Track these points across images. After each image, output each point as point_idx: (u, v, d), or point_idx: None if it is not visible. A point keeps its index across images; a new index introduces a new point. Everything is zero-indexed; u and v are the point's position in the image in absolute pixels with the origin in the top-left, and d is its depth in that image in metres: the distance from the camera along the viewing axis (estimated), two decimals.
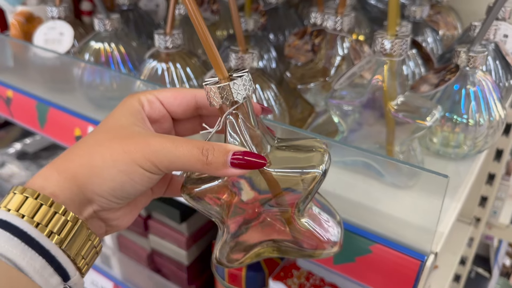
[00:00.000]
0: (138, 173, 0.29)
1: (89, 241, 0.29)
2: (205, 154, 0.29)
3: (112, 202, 0.30)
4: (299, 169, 0.32)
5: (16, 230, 0.26)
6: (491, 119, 0.47)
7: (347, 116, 0.48)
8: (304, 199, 0.32)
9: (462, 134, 0.48)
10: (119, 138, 0.29)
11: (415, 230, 0.39)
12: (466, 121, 0.47)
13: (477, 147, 0.50)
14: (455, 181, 0.47)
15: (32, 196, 0.27)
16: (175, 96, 0.34)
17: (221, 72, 0.30)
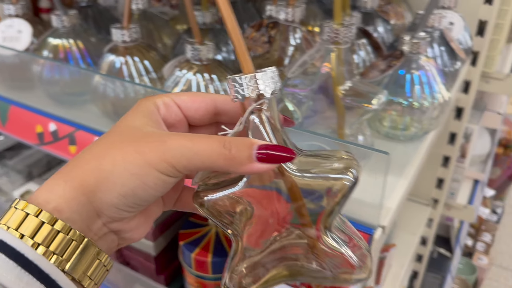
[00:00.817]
0: (152, 176, 0.26)
1: (97, 260, 0.27)
2: (228, 147, 0.26)
3: (123, 210, 0.27)
4: (328, 173, 0.28)
5: (13, 252, 0.23)
6: (435, 102, 0.50)
7: (301, 103, 0.50)
8: (331, 211, 0.29)
9: (408, 117, 0.51)
10: (132, 140, 0.27)
11: (363, 207, 0.42)
12: (411, 104, 0.50)
13: (424, 128, 0.53)
14: (403, 160, 0.50)
15: (33, 213, 0.24)
16: (193, 100, 0.31)
17: (248, 67, 0.27)
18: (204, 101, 0.31)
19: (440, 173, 0.92)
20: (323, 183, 0.28)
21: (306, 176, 0.28)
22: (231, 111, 0.31)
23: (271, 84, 0.27)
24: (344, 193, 0.28)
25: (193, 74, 0.48)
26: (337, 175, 0.28)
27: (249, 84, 0.27)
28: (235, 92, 0.27)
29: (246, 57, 0.27)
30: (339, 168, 0.28)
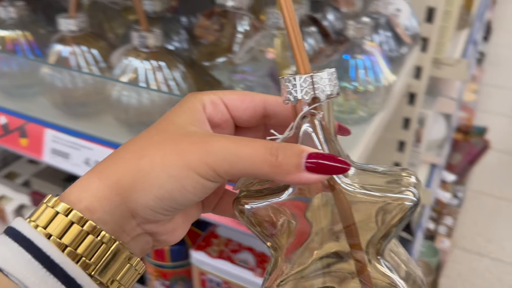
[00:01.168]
0: (192, 179, 0.24)
1: (127, 264, 0.25)
2: (274, 154, 0.24)
3: (158, 213, 0.25)
4: (385, 192, 0.25)
5: (39, 252, 0.22)
6: (379, 85, 0.52)
7: (252, 90, 0.51)
8: (386, 234, 0.26)
9: (353, 100, 0.52)
10: (172, 139, 0.25)
11: None
12: (356, 88, 0.51)
13: (370, 111, 0.54)
14: (350, 143, 0.52)
15: (63, 212, 0.23)
16: (242, 100, 0.29)
17: (304, 67, 0.25)
18: (253, 101, 0.29)
19: (396, 157, 0.95)
20: (379, 202, 0.25)
21: (360, 193, 0.25)
22: (281, 114, 0.29)
23: (328, 87, 0.24)
24: (403, 215, 0.25)
25: (140, 62, 0.48)
26: (396, 194, 0.25)
27: (303, 85, 0.24)
28: (287, 94, 0.25)
29: (303, 56, 0.25)
30: (398, 186, 0.25)
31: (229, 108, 0.28)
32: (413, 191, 0.25)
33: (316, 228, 0.26)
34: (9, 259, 0.22)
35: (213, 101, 0.28)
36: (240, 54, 0.48)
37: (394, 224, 0.25)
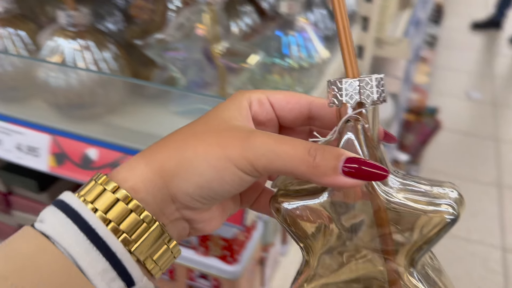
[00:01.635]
0: (230, 171, 0.25)
1: (164, 245, 0.26)
2: (313, 155, 0.24)
3: (196, 201, 0.26)
4: (425, 205, 0.25)
5: (85, 225, 0.24)
6: (313, 62, 0.53)
7: (187, 68, 0.51)
8: (421, 246, 0.25)
9: (288, 77, 0.53)
10: (216, 131, 0.26)
11: None
12: (290, 64, 0.52)
13: (307, 88, 0.55)
14: None
15: (110, 189, 0.24)
16: (288, 100, 0.29)
17: (353, 71, 0.25)
18: (299, 102, 0.29)
19: None
20: (418, 213, 0.25)
21: (398, 202, 0.25)
22: (326, 117, 0.28)
23: (374, 93, 0.24)
24: (440, 229, 0.25)
25: (67, 41, 0.47)
26: (436, 207, 0.25)
27: (349, 90, 0.24)
28: (333, 97, 0.25)
29: (352, 61, 0.25)
30: (439, 199, 0.25)
31: (274, 107, 0.29)
32: (453, 205, 0.25)
33: (351, 235, 0.26)
34: (57, 229, 0.23)
35: (260, 100, 0.29)
36: (170, 31, 0.47)
37: (431, 238, 0.25)
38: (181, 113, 0.51)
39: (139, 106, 0.51)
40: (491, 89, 3.22)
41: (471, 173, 2.35)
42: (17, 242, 0.24)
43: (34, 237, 0.23)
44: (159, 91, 0.51)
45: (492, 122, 2.83)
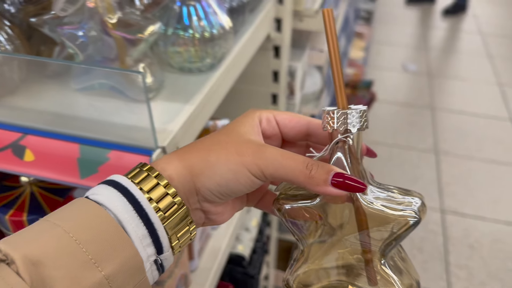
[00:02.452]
0: (244, 174, 0.32)
1: (186, 227, 0.32)
2: (309, 168, 0.31)
3: (215, 196, 0.33)
4: (394, 211, 0.32)
5: (133, 199, 0.30)
6: (214, 31, 0.53)
7: (86, 45, 0.50)
8: (390, 242, 0.32)
9: (192, 49, 0.53)
10: (235, 142, 0.33)
11: (143, 133, 0.44)
12: (192, 35, 0.52)
13: (216, 57, 0.56)
14: (193, 89, 0.53)
15: (153, 175, 0.31)
16: (290, 119, 0.36)
17: (342, 102, 0.33)
18: (299, 122, 0.36)
19: None
20: (390, 216, 0.32)
21: (374, 208, 0.32)
22: (320, 135, 0.36)
23: (357, 123, 0.32)
24: (406, 229, 0.32)
25: None
26: (403, 212, 0.32)
27: (339, 119, 0.32)
28: (327, 123, 0.32)
29: (343, 94, 0.32)
30: (406, 206, 0.32)
31: (279, 125, 0.36)
32: (416, 212, 0.32)
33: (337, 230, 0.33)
34: (110, 199, 0.29)
35: (268, 118, 0.36)
36: (58, 5, 0.46)
37: (399, 235, 0.32)
38: (82, 90, 0.50)
39: (40, 85, 0.50)
40: (426, 61, 3.35)
41: (410, 142, 2.45)
42: (76, 207, 0.29)
43: (90, 204, 0.29)
44: (60, 69, 0.50)
45: (428, 92, 2.96)
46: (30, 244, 0.26)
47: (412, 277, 0.34)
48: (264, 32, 0.79)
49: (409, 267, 0.35)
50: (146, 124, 0.42)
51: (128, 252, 0.28)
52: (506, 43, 3.68)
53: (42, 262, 0.25)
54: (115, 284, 0.27)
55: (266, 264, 1.22)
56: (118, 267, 0.27)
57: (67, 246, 0.26)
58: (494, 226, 1.95)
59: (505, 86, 3.02)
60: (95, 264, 0.27)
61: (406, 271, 0.34)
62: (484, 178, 2.21)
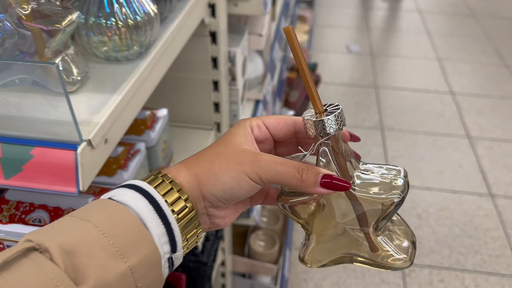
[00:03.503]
0: (245, 181, 0.36)
1: (195, 229, 0.36)
2: (300, 173, 0.35)
3: (220, 201, 0.37)
4: (380, 194, 0.37)
5: (153, 200, 0.33)
6: (138, 18, 0.52)
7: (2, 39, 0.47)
8: (382, 219, 0.38)
9: (116, 36, 0.52)
10: (233, 152, 0.37)
11: (66, 127, 0.42)
12: (115, 23, 0.51)
13: (143, 45, 0.55)
14: (120, 79, 0.52)
15: (167, 180, 0.35)
16: (278, 123, 0.40)
17: (318, 107, 0.37)
18: (286, 123, 0.40)
19: (214, 97, 0.98)
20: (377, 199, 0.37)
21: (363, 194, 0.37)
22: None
23: (335, 125, 0.36)
24: (394, 207, 0.37)
25: None
26: (389, 195, 0.37)
27: (317, 127, 0.36)
28: (308, 130, 0.37)
29: (318, 101, 0.37)
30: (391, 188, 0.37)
31: (269, 129, 0.40)
32: (399, 192, 0.37)
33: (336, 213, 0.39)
34: (133, 200, 0.33)
35: (258, 125, 0.40)
36: None
37: (388, 212, 0.37)
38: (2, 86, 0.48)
39: None
40: (369, 41, 3.44)
41: (357, 120, 2.52)
42: (100, 206, 0.32)
43: (114, 204, 0.32)
44: None
45: (371, 71, 3.04)
46: (63, 235, 0.29)
47: (408, 239, 0.40)
48: (197, 18, 0.78)
49: (405, 230, 0.41)
50: (68, 117, 0.41)
51: (149, 248, 0.31)
52: (443, 19, 3.83)
53: (74, 251, 0.28)
54: (137, 275, 0.30)
55: (221, 251, 1.22)
56: (140, 260, 0.31)
57: (96, 238, 0.29)
58: (440, 195, 2.04)
59: (444, 61, 3.15)
60: (121, 256, 0.30)
61: (403, 235, 0.41)
62: (428, 150, 2.30)
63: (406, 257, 0.39)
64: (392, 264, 0.39)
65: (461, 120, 2.54)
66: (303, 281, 1.68)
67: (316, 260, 0.41)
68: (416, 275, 1.71)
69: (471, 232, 1.88)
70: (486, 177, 2.14)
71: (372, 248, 0.39)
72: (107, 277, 0.28)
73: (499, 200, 2.02)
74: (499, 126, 2.50)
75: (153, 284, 0.32)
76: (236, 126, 0.40)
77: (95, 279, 0.28)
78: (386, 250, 0.39)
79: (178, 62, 0.92)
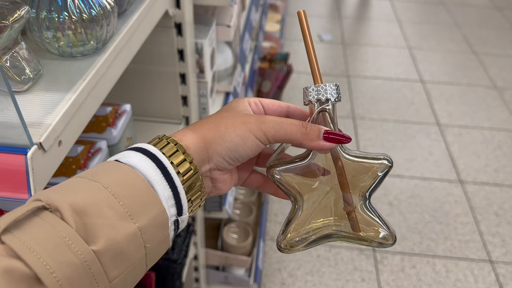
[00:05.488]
0: (250, 139, 0.37)
1: (199, 192, 0.36)
2: (304, 126, 0.37)
3: (226, 161, 0.37)
4: (371, 161, 0.39)
5: (160, 163, 0.33)
6: (93, 12, 0.49)
7: None
8: (373, 186, 0.39)
9: (69, 32, 0.49)
10: (238, 115, 0.38)
11: (14, 130, 0.40)
12: (69, 17, 0.48)
13: (100, 40, 0.52)
14: (75, 76, 0.49)
15: (173, 143, 0.35)
16: (273, 104, 0.42)
17: (318, 79, 0.40)
18: (280, 106, 0.43)
19: (182, 91, 0.96)
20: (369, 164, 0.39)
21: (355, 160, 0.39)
22: (298, 116, 0.42)
23: (335, 94, 0.39)
24: (384, 174, 0.39)
25: None
26: (379, 160, 0.39)
27: (319, 92, 0.39)
28: (309, 96, 0.39)
29: (318, 72, 0.40)
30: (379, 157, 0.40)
31: (264, 108, 0.42)
32: (389, 159, 0.40)
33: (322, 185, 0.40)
34: (141, 162, 0.33)
35: (255, 102, 0.42)
36: None
37: (380, 179, 0.39)
38: None
39: None
40: (340, 30, 3.44)
41: None
42: (109, 168, 0.32)
43: (122, 166, 0.32)
44: None
45: (343, 60, 3.05)
46: (73, 195, 0.29)
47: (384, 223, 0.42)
48: (160, 10, 0.76)
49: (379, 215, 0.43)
50: (15, 120, 0.38)
51: (158, 209, 0.32)
52: (413, 7, 3.87)
53: (85, 210, 0.29)
54: (146, 236, 0.31)
55: (194, 245, 1.21)
56: (149, 221, 0.31)
57: (106, 199, 0.30)
58: (410, 182, 2.08)
59: (414, 49, 3.19)
60: (130, 217, 0.30)
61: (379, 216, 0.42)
62: (398, 138, 2.33)
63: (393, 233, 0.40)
64: (377, 239, 0.40)
65: (431, 108, 2.58)
66: (277, 270, 1.68)
67: (295, 240, 0.40)
68: (388, 262, 1.74)
69: (441, 218, 1.91)
70: (456, 164, 2.18)
71: (354, 228, 0.40)
72: (117, 237, 0.29)
73: (468, 187, 2.07)
74: (468, 113, 2.55)
75: (161, 245, 0.33)
76: (235, 101, 0.41)
77: (106, 239, 0.28)
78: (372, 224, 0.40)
79: (142, 54, 0.90)
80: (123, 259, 0.30)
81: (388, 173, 0.39)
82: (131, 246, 0.30)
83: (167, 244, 0.34)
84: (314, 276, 1.67)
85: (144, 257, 0.31)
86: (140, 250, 0.31)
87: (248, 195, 1.62)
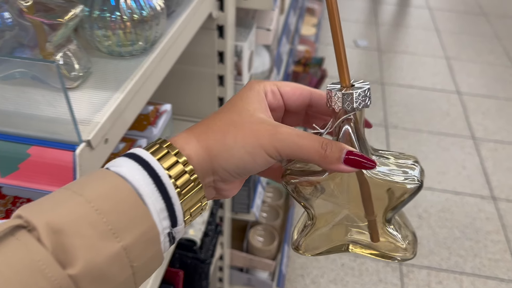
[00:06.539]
0: (262, 156, 0.33)
1: (199, 203, 0.33)
2: (324, 148, 0.33)
3: (232, 176, 0.34)
4: (398, 179, 0.34)
5: (153, 173, 0.30)
6: (144, 13, 0.50)
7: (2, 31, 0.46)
8: (395, 207, 0.35)
9: (120, 31, 0.50)
10: (249, 123, 0.33)
11: (65, 126, 0.41)
12: (120, 18, 0.49)
13: (148, 40, 0.53)
14: (123, 76, 0.50)
15: (172, 152, 0.32)
16: (294, 92, 0.37)
17: (345, 81, 0.34)
18: (302, 94, 0.38)
19: (219, 92, 0.97)
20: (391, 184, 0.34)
21: (378, 177, 0.34)
22: (322, 106, 0.38)
23: (362, 101, 0.33)
24: (410, 195, 0.34)
25: None
26: (404, 180, 0.34)
27: (346, 100, 0.33)
28: (333, 103, 0.34)
29: (346, 73, 0.34)
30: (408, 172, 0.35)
31: (283, 97, 0.37)
32: (417, 177, 0.34)
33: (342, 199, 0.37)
34: (132, 172, 0.30)
35: (273, 91, 0.37)
36: None
37: (402, 201, 0.35)
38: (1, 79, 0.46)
39: None
40: (377, 36, 3.40)
41: None
42: (97, 178, 0.29)
43: (111, 175, 0.29)
44: None
45: (378, 67, 3.01)
46: (52, 212, 0.27)
47: (409, 230, 0.38)
48: (205, 12, 0.76)
49: (405, 220, 0.39)
50: (67, 116, 0.39)
51: (146, 225, 0.29)
52: (453, 17, 3.78)
53: (63, 230, 0.26)
54: (132, 255, 0.28)
55: (220, 245, 1.22)
56: (136, 238, 0.28)
57: (88, 215, 0.27)
58: (442, 195, 2.03)
59: (452, 60, 3.12)
60: (114, 235, 0.28)
61: (404, 225, 0.38)
62: (431, 150, 2.28)
63: (411, 248, 0.37)
64: (395, 254, 0.37)
65: (467, 121, 2.51)
66: (300, 276, 1.67)
67: (311, 247, 0.38)
68: (414, 276, 1.70)
69: (471, 235, 1.86)
70: (489, 180, 2.12)
71: (373, 238, 0.37)
72: (97, 259, 0.27)
73: (501, 204, 2.01)
74: (504, 128, 2.48)
75: (151, 262, 0.30)
76: (248, 89, 0.36)
77: (84, 261, 0.26)
78: (391, 239, 0.37)
79: (183, 55, 0.90)
80: (105, 281, 0.27)
81: (418, 193, 0.35)
82: (114, 267, 0.27)
83: (159, 260, 0.31)
84: (338, 285, 1.65)
85: (131, 276, 0.29)
86: (125, 270, 0.28)
87: (275, 199, 1.62)
